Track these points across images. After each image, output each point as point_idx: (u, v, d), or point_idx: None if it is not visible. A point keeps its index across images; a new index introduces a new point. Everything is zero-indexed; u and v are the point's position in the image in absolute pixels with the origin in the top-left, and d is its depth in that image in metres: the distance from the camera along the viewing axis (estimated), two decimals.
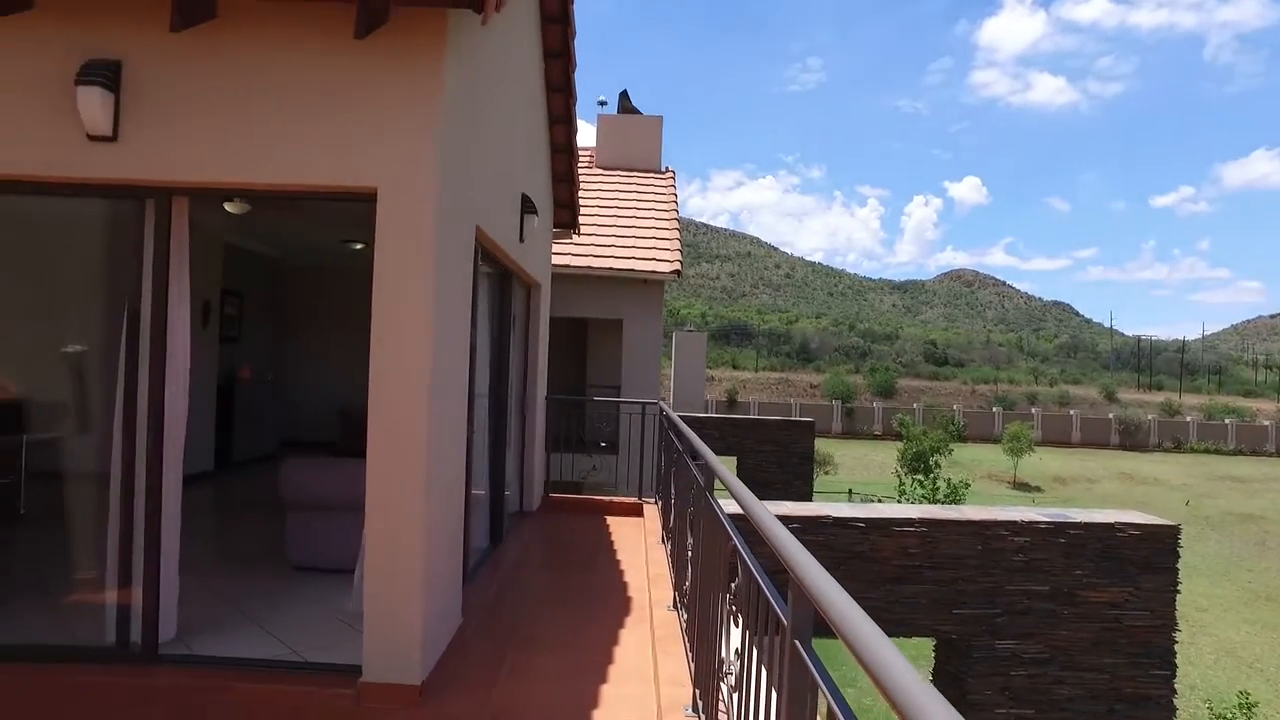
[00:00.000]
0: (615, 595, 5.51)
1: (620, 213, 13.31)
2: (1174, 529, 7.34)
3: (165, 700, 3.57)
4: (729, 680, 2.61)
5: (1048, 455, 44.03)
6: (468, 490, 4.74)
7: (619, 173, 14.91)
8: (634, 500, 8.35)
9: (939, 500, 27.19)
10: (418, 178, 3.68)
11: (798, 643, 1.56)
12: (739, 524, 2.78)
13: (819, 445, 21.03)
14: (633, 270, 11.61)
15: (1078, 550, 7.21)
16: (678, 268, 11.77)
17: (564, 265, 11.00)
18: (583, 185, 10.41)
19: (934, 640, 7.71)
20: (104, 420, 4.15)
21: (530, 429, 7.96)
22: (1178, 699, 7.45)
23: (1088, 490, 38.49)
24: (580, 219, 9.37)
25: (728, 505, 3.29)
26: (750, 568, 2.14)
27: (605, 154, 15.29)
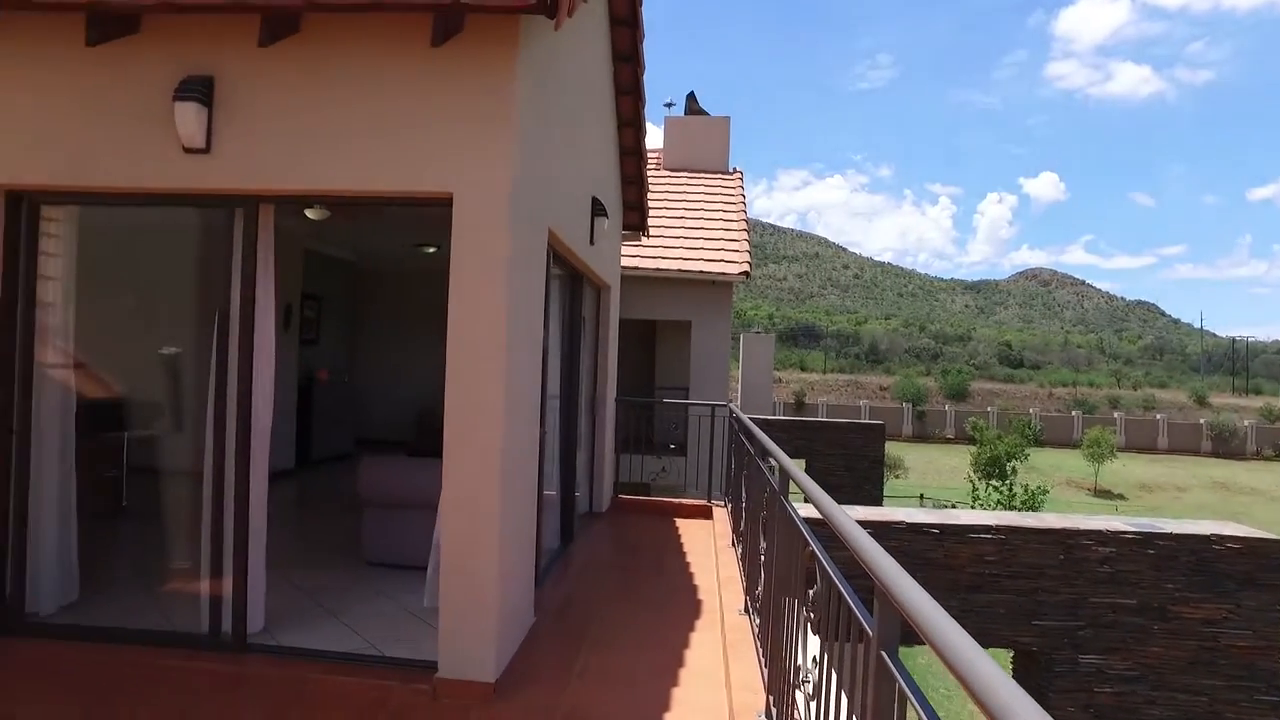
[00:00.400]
0: (685, 598, 5.49)
1: (688, 214, 13.28)
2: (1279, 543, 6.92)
3: (254, 688, 3.71)
4: (806, 688, 2.57)
5: (1131, 462, 42.21)
6: (540, 490, 4.79)
7: (686, 174, 14.88)
8: (703, 502, 8.32)
9: (1015, 507, 26.33)
10: (492, 182, 3.74)
11: (884, 653, 1.53)
12: (815, 529, 2.73)
13: (889, 448, 20.62)
14: (701, 272, 11.57)
15: (1169, 562, 6.87)
16: (746, 269, 11.69)
17: (633, 267, 11.04)
18: (651, 187, 10.43)
19: (1011, 652, 7.46)
20: (196, 419, 4.33)
21: (600, 430, 8.01)
22: None
23: (1177, 499, 36.73)
24: (649, 221, 9.38)
25: (802, 509, 3.24)
26: (831, 574, 2.10)
27: (672, 156, 15.29)
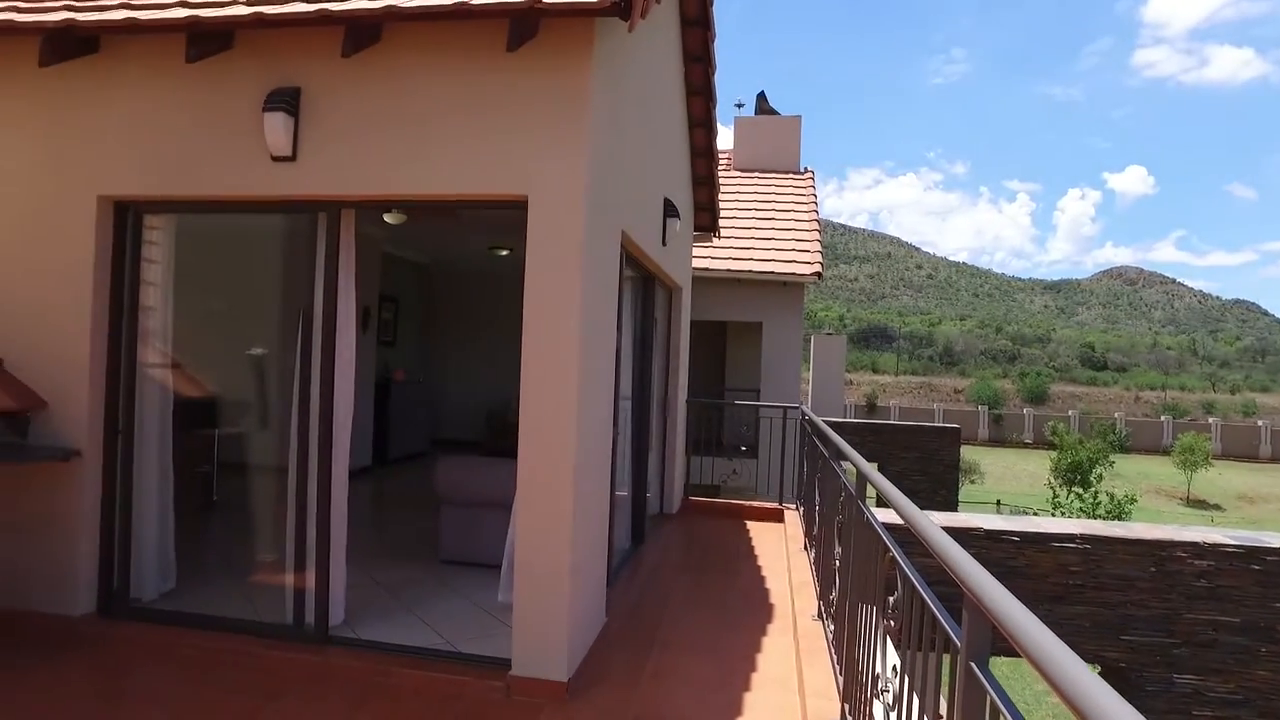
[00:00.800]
0: (757, 602, 5.44)
1: (759, 215, 13.16)
2: None
3: (336, 679, 3.82)
4: (885, 698, 2.51)
5: (1229, 470, 39.97)
6: (612, 491, 4.81)
7: (757, 174, 14.75)
8: (774, 505, 8.23)
9: (1099, 515, 25.23)
10: (567, 184, 3.77)
11: (974, 664, 1.47)
12: (894, 534, 2.66)
13: (964, 453, 20.02)
14: (772, 273, 11.45)
15: (1278, 580, 6.46)
16: (819, 269, 11.52)
17: (704, 268, 11.00)
18: (721, 188, 10.37)
19: (1098, 667, 7.14)
20: (281, 417, 4.50)
21: (671, 431, 8.00)
22: None
23: None
24: (720, 222, 9.34)
25: (880, 514, 3.16)
26: (914, 582, 2.04)
27: (743, 156, 15.18)
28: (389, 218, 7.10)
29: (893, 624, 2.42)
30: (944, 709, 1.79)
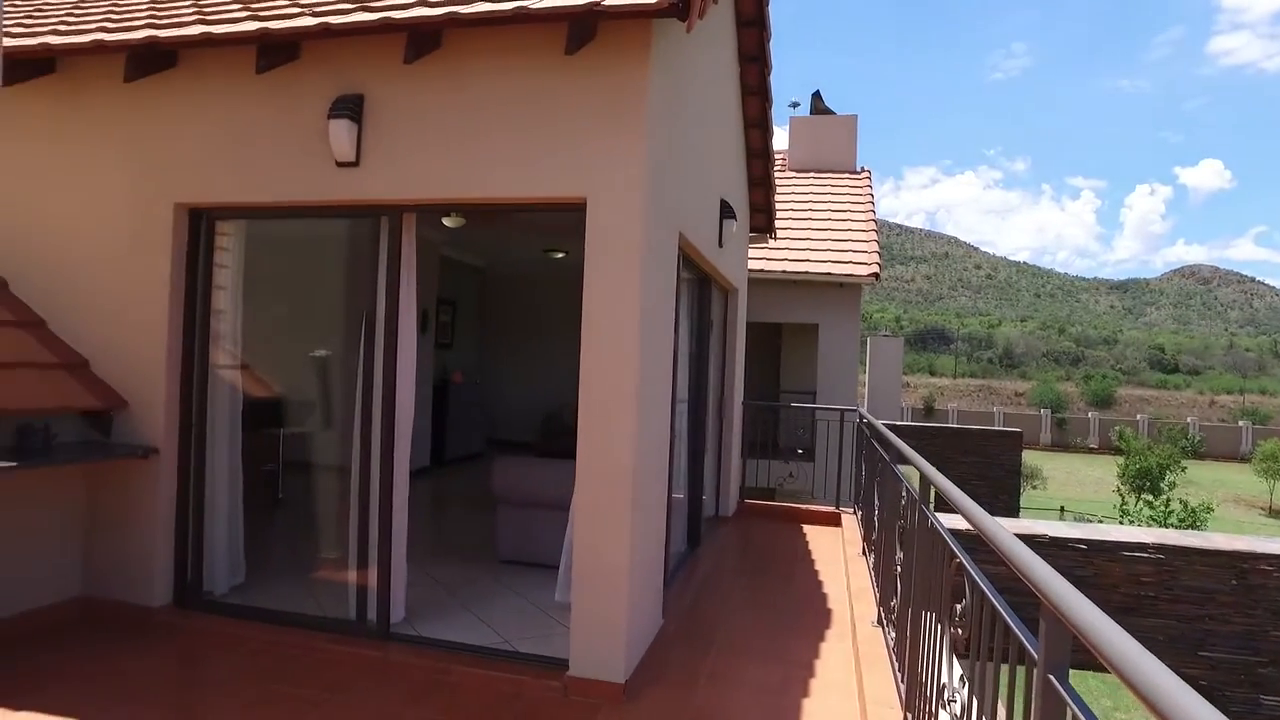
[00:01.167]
0: (815, 606, 5.36)
1: (815, 215, 13.01)
2: None
3: (397, 675, 3.89)
4: (952, 708, 2.44)
5: None
6: (669, 494, 4.79)
7: (813, 175, 14.59)
8: (831, 509, 8.11)
9: (1171, 525, 24.24)
10: (626, 186, 3.77)
11: (1053, 677, 1.42)
12: (960, 540, 2.59)
13: (1025, 457, 19.43)
14: (829, 274, 11.30)
15: None
16: (876, 270, 11.33)
17: (759, 270, 10.91)
18: (777, 188, 10.28)
19: None
20: (343, 417, 4.61)
21: (727, 434, 7.96)
22: None
23: None
24: (775, 223, 9.25)
25: (945, 519, 3.09)
26: (984, 590, 1.98)
27: (798, 156, 15.03)
28: (448, 221, 7.21)
29: (959, 632, 2.36)
30: None
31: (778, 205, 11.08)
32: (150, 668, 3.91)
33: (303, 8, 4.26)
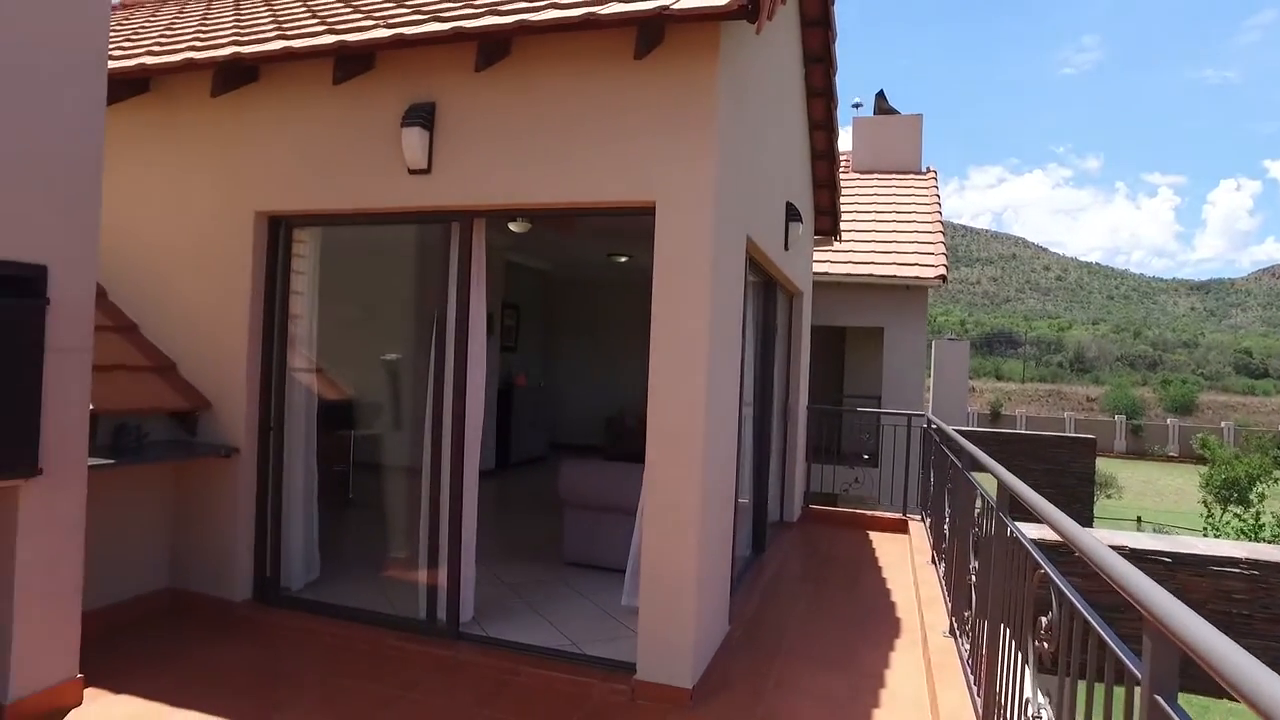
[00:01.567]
0: (882, 615, 5.26)
1: (880, 217, 12.80)
2: None
3: (466, 674, 3.95)
4: None
5: None
6: (735, 499, 4.76)
7: (877, 176, 14.36)
8: (898, 516, 7.95)
9: (1264, 539, 23.02)
10: (696, 189, 3.76)
11: (1160, 698, 1.35)
12: (1043, 551, 2.50)
13: (1099, 465, 18.73)
14: (895, 276, 11.10)
15: None
16: (943, 272, 11.08)
17: (823, 273, 10.78)
18: (841, 190, 10.13)
19: None
20: (412, 419, 4.70)
21: (792, 439, 7.87)
22: None
23: None
24: (840, 225, 9.12)
25: (1026, 529, 2.99)
26: (1076, 604, 1.91)
27: (862, 157, 14.81)
28: (514, 226, 7.29)
29: (1046, 646, 2.28)
30: None
31: (841, 207, 10.93)
32: (232, 659, 4.05)
33: (377, 20, 4.38)
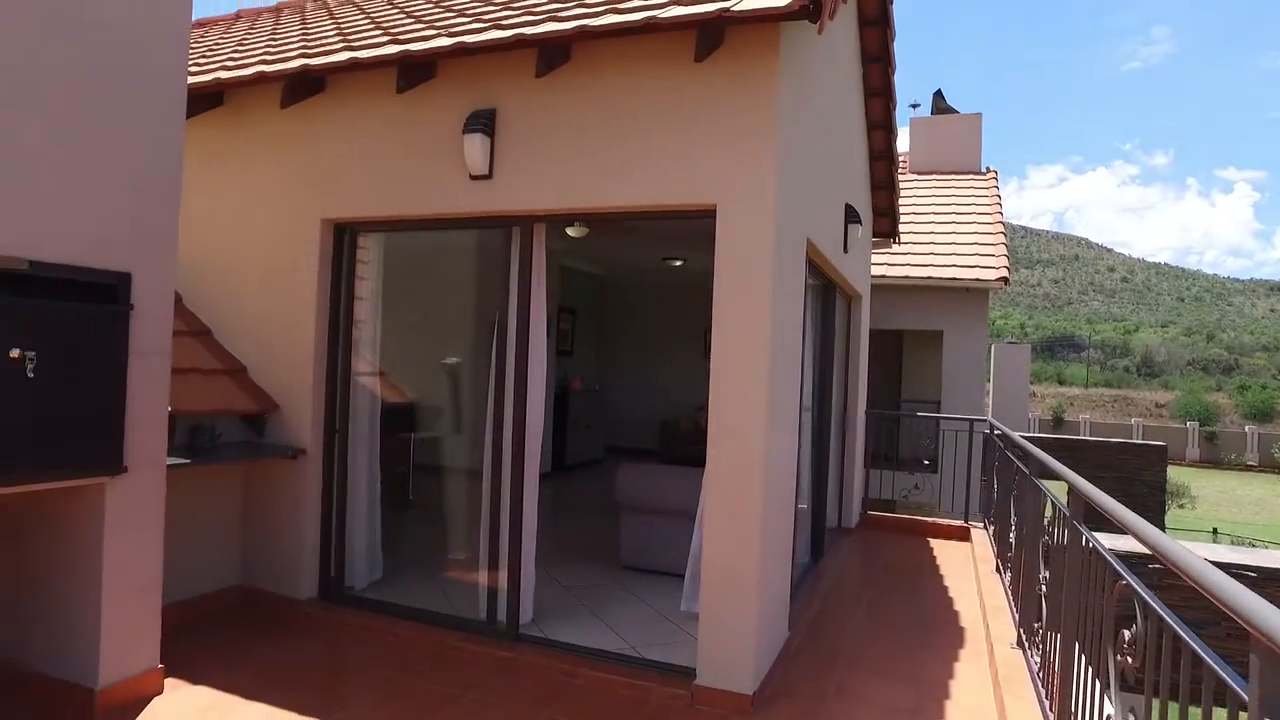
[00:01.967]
0: (945, 624, 5.14)
1: (938, 218, 12.55)
2: None
3: (525, 675, 3.97)
4: None
5: None
6: (794, 504, 4.71)
7: (935, 176, 14.09)
8: (959, 524, 7.77)
9: None
10: (757, 192, 3.73)
11: None
12: (1126, 562, 2.41)
13: (1170, 473, 18.02)
14: (955, 279, 10.86)
15: None
16: (1004, 274, 10.81)
17: (881, 275, 10.61)
18: (900, 192, 9.98)
19: None
20: (472, 422, 4.75)
21: (850, 444, 7.76)
22: None
23: None
24: (899, 226, 8.98)
25: (1103, 538, 2.88)
26: (1166, 618, 1.83)
27: (920, 157, 14.55)
28: (571, 231, 7.34)
29: (1130, 661, 2.19)
30: None
31: (900, 208, 10.75)
32: (299, 655, 4.15)
33: (439, 29, 4.46)
